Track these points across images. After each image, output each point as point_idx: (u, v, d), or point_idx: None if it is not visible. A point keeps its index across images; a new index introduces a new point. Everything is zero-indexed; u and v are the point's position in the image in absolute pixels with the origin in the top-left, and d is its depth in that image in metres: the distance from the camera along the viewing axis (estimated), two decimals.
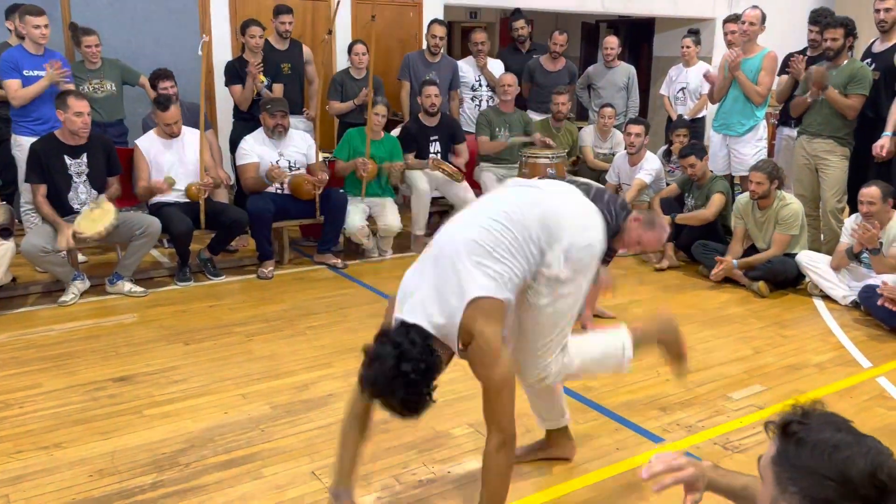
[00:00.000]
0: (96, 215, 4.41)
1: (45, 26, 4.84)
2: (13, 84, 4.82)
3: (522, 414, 2.58)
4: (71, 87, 4.94)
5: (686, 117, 6.53)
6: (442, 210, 6.10)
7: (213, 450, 2.81)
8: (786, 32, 7.93)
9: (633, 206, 5.68)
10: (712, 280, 4.95)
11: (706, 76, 6.07)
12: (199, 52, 4.79)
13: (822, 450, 1.19)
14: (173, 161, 4.88)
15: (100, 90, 5.39)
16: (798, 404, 1.29)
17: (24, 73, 4.84)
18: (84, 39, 5.31)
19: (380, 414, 3.05)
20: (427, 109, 5.74)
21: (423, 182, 5.64)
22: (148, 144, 4.89)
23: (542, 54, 6.83)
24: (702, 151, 5.37)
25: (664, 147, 6.35)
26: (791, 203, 4.86)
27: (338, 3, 5.49)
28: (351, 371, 3.43)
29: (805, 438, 1.21)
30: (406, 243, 5.80)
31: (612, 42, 6.87)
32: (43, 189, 4.41)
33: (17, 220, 5.20)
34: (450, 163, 5.78)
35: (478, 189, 5.97)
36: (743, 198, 5.07)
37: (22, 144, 4.80)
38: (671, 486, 1.54)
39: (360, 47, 6.09)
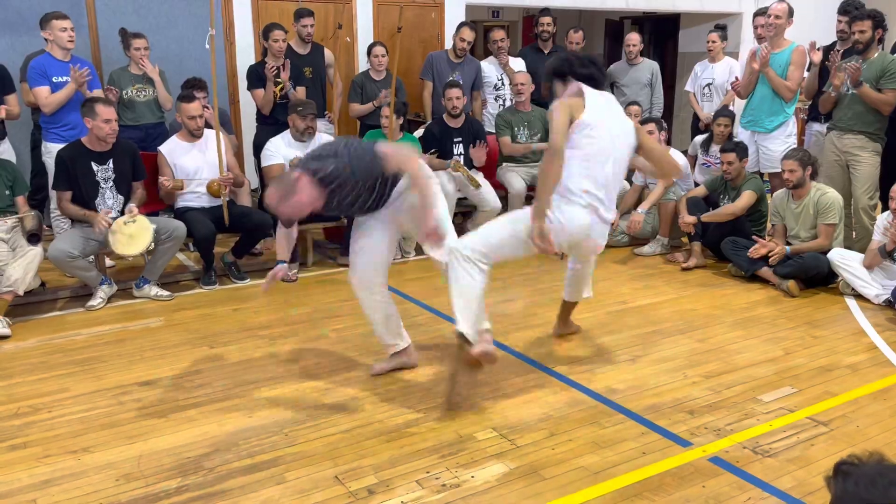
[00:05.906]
0: (133, 231, 4.43)
1: (71, 29, 4.92)
2: (43, 91, 4.90)
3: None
4: (99, 93, 5.00)
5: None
6: (465, 211, 6.07)
7: (237, 454, 2.82)
8: (814, 25, 7.78)
9: (660, 204, 5.62)
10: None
11: (734, 87, 5.93)
12: (207, 46, 4.80)
13: (871, 483, 1.19)
14: (198, 164, 4.91)
15: (143, 93, 5.46)
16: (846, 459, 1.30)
17: (53, 79, 4.91)
18: (133, 42, 5.40)
19: (402, 418, 3.07)
20: (450, 112, 5.72)
21: (450, 185, 5.63)
22: (171, 148, 4.92)
23: None
24: (744, 152, 5.22)
25: (704, 136, 6.19)
26: (829, 192, 4.78)
27: None
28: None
29: (852, 473, 1.23)
30: None
31: (633, 39, 6.79)
32: (68, 195, 4.47)
33: (46, 227, 5.28)
34: (471, 161, 5.75)
35: (502, 189, 5.94)
36: (779, 194, 4.99)
37: (52, 151, 4.85)
38: None
39: (379, 49, 6.09)
